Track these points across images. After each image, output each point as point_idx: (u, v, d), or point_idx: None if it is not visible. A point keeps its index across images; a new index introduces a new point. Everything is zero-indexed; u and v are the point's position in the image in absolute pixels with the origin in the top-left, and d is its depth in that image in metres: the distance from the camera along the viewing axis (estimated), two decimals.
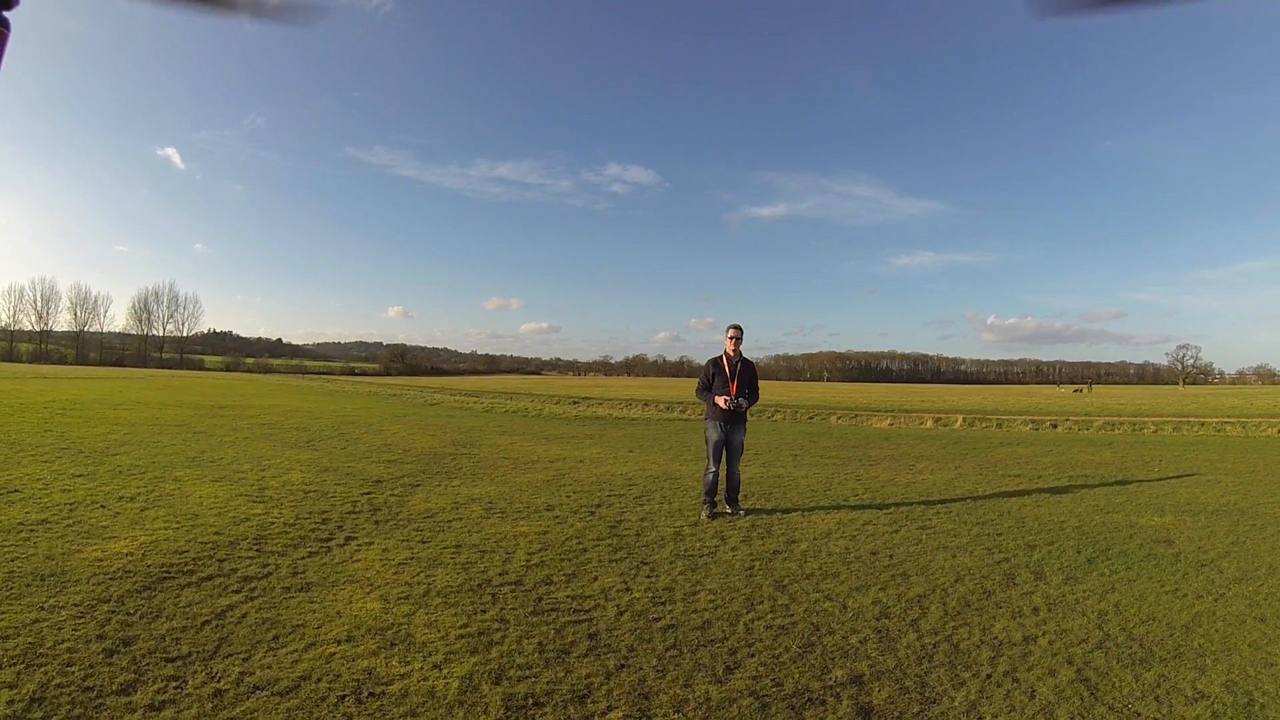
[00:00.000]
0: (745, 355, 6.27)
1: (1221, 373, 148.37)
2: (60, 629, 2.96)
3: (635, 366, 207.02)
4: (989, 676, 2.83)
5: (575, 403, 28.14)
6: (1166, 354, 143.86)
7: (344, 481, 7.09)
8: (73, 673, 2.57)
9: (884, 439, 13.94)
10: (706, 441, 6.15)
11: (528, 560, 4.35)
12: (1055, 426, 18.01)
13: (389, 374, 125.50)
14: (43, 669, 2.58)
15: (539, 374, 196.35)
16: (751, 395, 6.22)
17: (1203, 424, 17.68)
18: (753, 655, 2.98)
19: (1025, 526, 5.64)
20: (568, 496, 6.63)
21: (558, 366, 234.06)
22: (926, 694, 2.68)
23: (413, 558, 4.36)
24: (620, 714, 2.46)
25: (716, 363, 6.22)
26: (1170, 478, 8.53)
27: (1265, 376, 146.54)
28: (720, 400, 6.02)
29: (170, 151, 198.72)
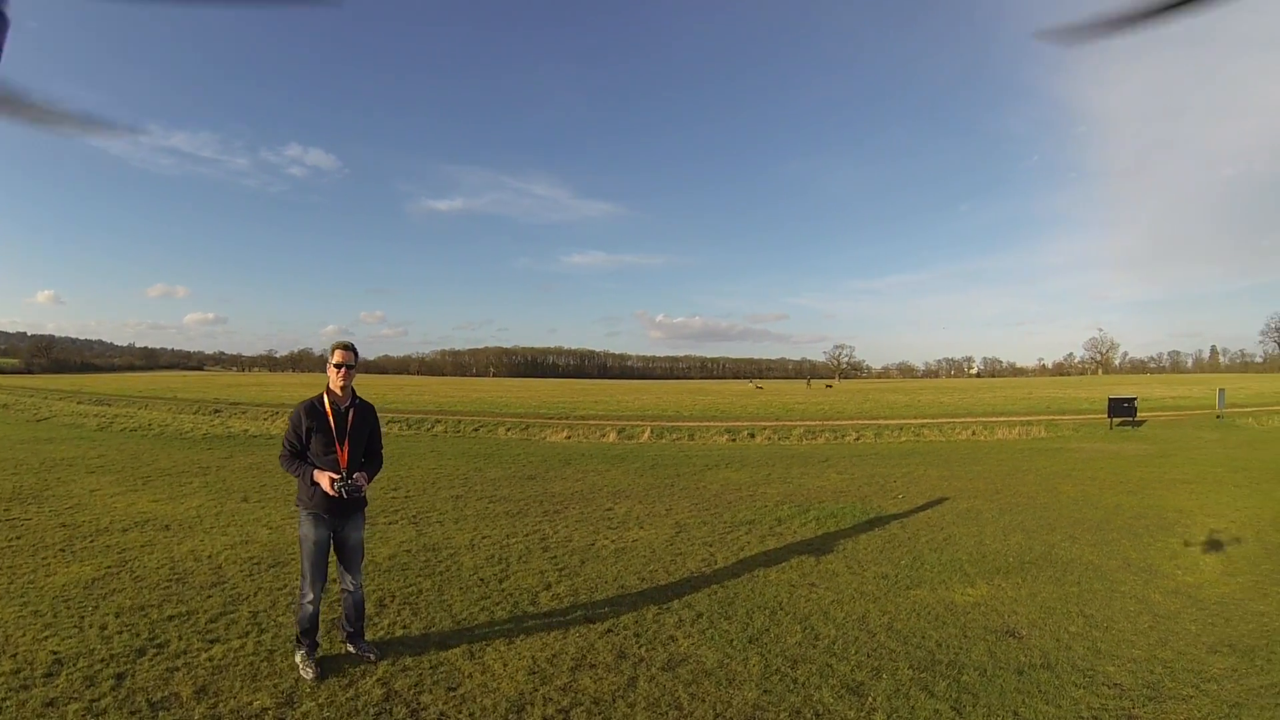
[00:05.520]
0: (360, 395, 3.94)
1: (869, 368, 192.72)
2: None
3: (301, 361, 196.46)
4: None
5: (217, 411, 23.82)
6: (825, 352, 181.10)
7: None
8: None
9: (565, 463, 12.58)
10: (301, 545, 3.74)
11: None
12: (753, 436, 18.29)
13: (31, 371, 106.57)
14: None
15: (201, 369, 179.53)
16: (372, 463, 3.97)
17: (901, 428, 20.44)
18: None
19: (820, 638, 4.15)
20: (103, 627, 4.19)
21: (222, 361, 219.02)
22: None
23: None
24: None
25: (314, 410, 3.76)
26: (921, 509, 8.39)
27: (905, 371, 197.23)
28: (324, 481, 3.61)
29: None
